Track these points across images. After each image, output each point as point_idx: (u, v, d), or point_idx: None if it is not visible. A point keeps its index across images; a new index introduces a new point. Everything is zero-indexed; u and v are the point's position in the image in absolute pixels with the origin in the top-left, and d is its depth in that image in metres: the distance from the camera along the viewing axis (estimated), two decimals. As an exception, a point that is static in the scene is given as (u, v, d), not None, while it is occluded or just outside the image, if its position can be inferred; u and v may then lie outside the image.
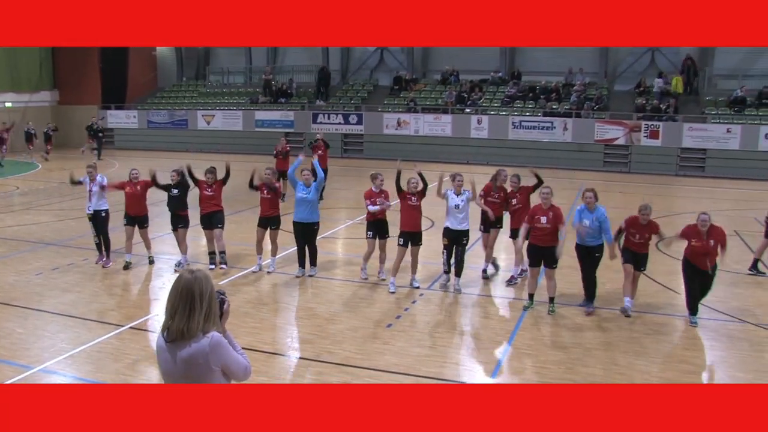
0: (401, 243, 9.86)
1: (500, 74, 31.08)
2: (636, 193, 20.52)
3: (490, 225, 10.41)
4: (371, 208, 10.02)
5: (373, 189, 10.15)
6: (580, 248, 9.04)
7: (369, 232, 10.23)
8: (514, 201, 10.22)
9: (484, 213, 10.27)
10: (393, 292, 9.80)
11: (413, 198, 9.81)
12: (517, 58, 31.51)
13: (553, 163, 26.32)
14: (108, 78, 34.11)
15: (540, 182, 9.87)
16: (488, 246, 10.50)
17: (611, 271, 9.37)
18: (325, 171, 16.03)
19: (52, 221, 14.99)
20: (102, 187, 10.96)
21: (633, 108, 27.11)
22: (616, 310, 9.08)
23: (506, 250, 11.67)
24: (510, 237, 10.47)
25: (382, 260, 10.43)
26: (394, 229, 10.32)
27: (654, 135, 25.78)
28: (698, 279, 8.47)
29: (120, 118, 33.41)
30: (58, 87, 34.66)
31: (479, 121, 28.16)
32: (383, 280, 10.29)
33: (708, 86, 27.95)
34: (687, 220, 9.71)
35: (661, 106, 26.28)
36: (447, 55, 32.13)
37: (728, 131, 24.84)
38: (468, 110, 28.88)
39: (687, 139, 25.36)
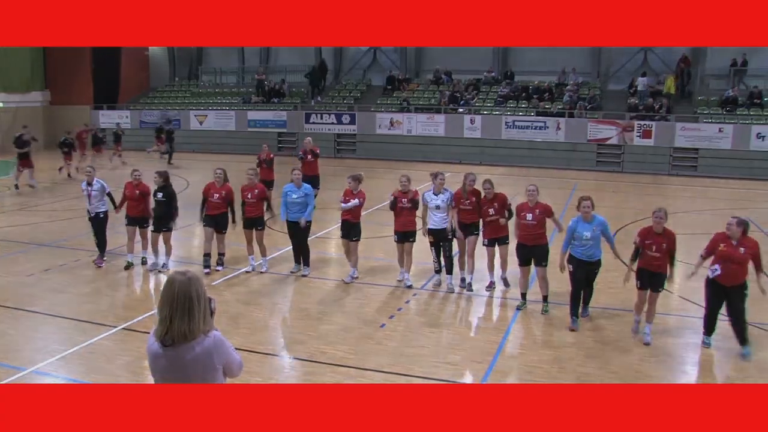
0: (396, 239, 10.02)
1: (493, 74, 31.08)
2: (629, 193, 20.61)
3: (466, 232, 9.80)
4: (343, 205, 10.11)
5: (352, 190, 10.17)
6: (577, 262, 8.32)
7: (341, 231, 10.37)
8: (491, 211, 9.45)
9: (459, 220, 9.77)
10: (410, 285, 9.96)
11: (404, 200, 9.82)
12: (510, 58, 31.49)
13: (546, 163, 26.38)
14: (100, 78, 33.98)
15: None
16: (469, 255, 9.91)
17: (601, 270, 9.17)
18: (318, 177, 15.76)
19: (45, 222, 14.93)
20: (109, 195, 11.09)
21: (626, 108, 27.11)
22: (608, 309, 9.10)
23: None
24: (484, 245, 9.74)
25: (353, 263, 10.35)
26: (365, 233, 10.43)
27: (647, 134, 25.77)
28: (722, 296, 7.54)
29: (112, 119, 33.24)
30: (49, 87, 34.47)
31: (472, 121, 28.12)
32: (347, 284, 10.21)
33: (700, 86, 27.96)
34: (680, 220, 9.69)
35: (654, 105, 26.26)
36: (440, 54, 32.16)
37: (720, 131, 24.86)
38: (461, 110, 28.86)
39: (679, 138, 25.35)
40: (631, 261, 8.09)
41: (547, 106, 27.92)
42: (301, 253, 10.66)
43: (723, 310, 7.71)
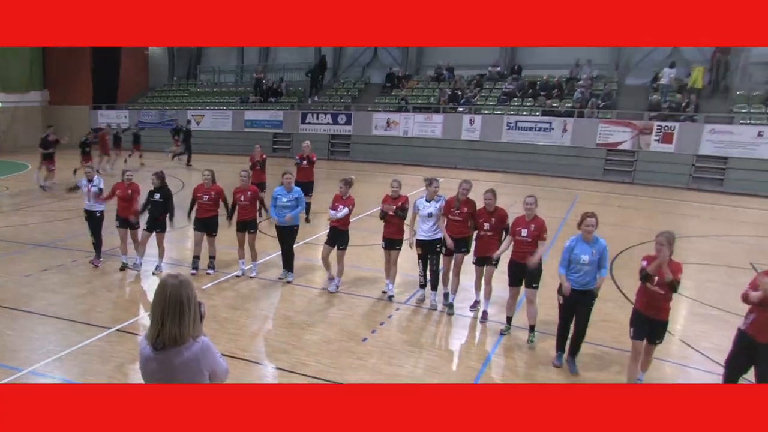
0: (383, 246, 9.88)
1: (498, 68, 29.33)
2: (638, 209, 18.37)
3: (453, 248, 9.12)
4: (332, 213, 9.88)
5: (342, 195, 9.98)
6: (571, 291, 7.34)
7: (327, 238, 10.15)
8: (487, 226, 8.73)
9: (447, 231, 9.15)
10: (391, 296, 9.79)
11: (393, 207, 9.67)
12: (519, 51, 29.53)
13: (548, 170, 24.41)
14: (100, 78, 34.01)
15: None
16: (454, 273, 9.28)
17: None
18: (312, 183, 15.53)
19: (42, 222, 14.99)
20: (99, 191, 11.07)
21: (646, 106, 23.98)
22: (598, 345, 8.24)
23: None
24: (474, 263, 9.09)
25: (338, 272, 10.20)
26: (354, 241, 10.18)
27: (667, 138, 22.51)
28: (750, 354, 5.89)
29: (111, 118, 33.26)
30: (48, 87, 34.52)
31: (471, 122, 26.78)
32: (332, 293, 10.05)
33: (741, 77, 23.51)
34: (693, 246, 8.15)
35: (682, 103, 22.82)
36: (443, 49, 30.83)
37: (759, 135, 21.00)
38: (461, 109, 27.44)
39: (706, 144, 21.83)
40: (643, 283, 6.64)
41: (554, 105, 25.73)
42: (287, 258, 10.62)
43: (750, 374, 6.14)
